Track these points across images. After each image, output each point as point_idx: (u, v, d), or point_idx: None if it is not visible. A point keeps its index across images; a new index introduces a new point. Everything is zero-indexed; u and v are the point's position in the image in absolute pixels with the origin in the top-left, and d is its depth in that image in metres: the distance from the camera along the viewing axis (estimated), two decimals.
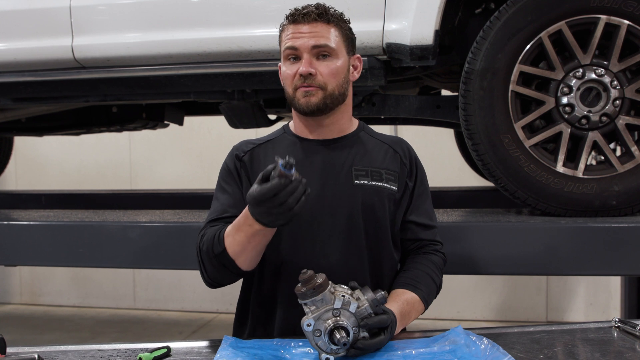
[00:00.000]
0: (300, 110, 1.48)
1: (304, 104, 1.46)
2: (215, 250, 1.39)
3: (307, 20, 1.44)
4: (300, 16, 1.45)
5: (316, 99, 1.45)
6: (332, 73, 1.46)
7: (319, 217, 1.47)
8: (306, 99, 1.45)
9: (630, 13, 2.06)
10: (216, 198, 1.54)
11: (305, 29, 1.44)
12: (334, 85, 1.46)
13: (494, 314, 4.88)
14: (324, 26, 1.45)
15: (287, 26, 1.48)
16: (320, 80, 1.44)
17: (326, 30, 1.45)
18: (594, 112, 2.12)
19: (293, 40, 1.45)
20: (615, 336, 1.44)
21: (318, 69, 1.44)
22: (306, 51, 1.44)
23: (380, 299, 1.24)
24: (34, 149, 5.55)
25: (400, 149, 1.59)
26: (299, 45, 1.44)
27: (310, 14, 1.45)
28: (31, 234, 2.36)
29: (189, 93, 2.71)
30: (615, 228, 1.98)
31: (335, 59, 1.46)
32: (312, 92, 1.44)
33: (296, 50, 1.45)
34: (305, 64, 1.43)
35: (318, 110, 1.46)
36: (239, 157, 1.54)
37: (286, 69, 1.48)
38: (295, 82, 1.46)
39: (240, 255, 1.38)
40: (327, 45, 1.45)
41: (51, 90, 2.70)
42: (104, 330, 4.91)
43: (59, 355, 1.36)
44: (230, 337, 1.39)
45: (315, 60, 1.45)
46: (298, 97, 1.46)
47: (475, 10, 2.40)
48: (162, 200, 3.62)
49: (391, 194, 1.52)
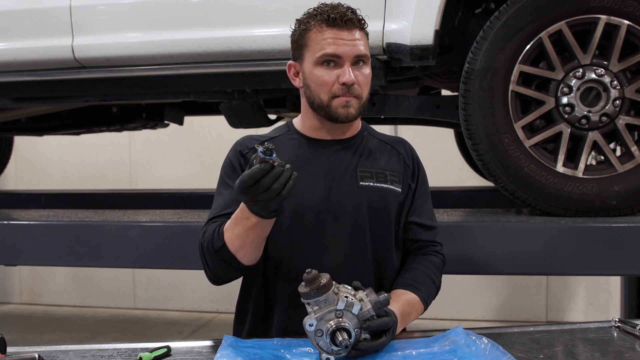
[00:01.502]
0: (335, 120, 1.46)
1: (342, 115, 1.44)
2: (215, 246, 1.38)
3: (348, 26, 1.41)
4: (342, 21, 1.40)
5: (354, 110, 1.44)
6: (367, 81, 1.45)
7: (323, 218, 1.46)
8: (346, 109, 1.43)
9: (630, 13, 2.06)
10: (219, 193, 1.53)
11: (346, 35, 1.41)
12: (367, 93, 1.46)
13: (494, 314, 4.88)
14: (360, 33, 1.43)
15: (323, 28, 1.42)
16: (358, 90, 1.43)
17: (363, 38, 1.44)
18: (594, 112, 2.12)
19: (335, 47, 1.40)
20: (615, 336, 1.44)
21: (357, 78, 1.42)
22: (349, 60, 1.41)
23: (383, 301, 1.24)
24: (34, 149, 5.55)
25: (403, 149, 1.59)
26: (343, 52, 1.40)
27: (353, 20, 1.41)
28: (31, 234, 2.36)
29: (189, 93, 2.71)
30: (615, 228, 1.98)
31: (368, 67, 1.46)
32: (351, 102, 1.43)
33: (338, 57, 1.41)
34: (350, 73, 1.40)
35: (354, 120, 1.47)
36: (242, 153, 1.52)
37: (322, 74, 1.43)
38: (335, 90, 1.42)
39: (239, 250, 1.36)
40: (366, 54, 1.44)
41: (51, 90, 2.70)
42: (103, 330, 4.91)
43: (59, 354, 1.36)
44: (230, 336, 1.39)
45: (353, 67, 1.42)
46: (336, 106, 1.43)
47: (475, 10, 2.40)
48: (162, 200, 3.62)
49: (396, 195, 1.52)
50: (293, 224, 1.45)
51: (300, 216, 1.45)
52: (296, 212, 1.45)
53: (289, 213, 1.43)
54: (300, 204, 1.44)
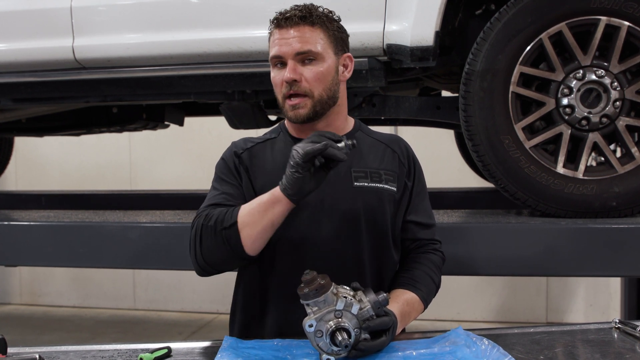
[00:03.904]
0: (290, 120, 1.48)
1: (293, 117, 1.45)
2: (225, 223, 1.36)
3: (290, 24, 1.41)
4: (283, 20, 1.42)
5: (305, 110, 1.43)
6: (317, 78, 1.43)
7: (318, 219, 1.46)
8: (294, 112, 1.43)
9: (630, 14, 2.06)
10: (215, 188, 1.51)
11: (290, 33, 1.41)
12: (320, 90, 1.43)
13: (494, 315, 4.88)
14: (308, 29, 1.42)
15: (273, 31, 1.44)
16: (306, 87, 1.42)
17: (311, 34, 1.42)
18: (594, 113, 2.12)
19: (278, 47, 1.42)
20: (615, 337, 1.45)
21: (303, 75, 1.41)
22: (290, 57, 1.41)
23: (382, 300, 1.24)
24: (34, 150, 5.56)
25: (398, 147, 1.57)
26: (283, 52, 1.41)
27: (293, 17, 1.41)
28: (31, 234, 2.36)
29: (189, 94, 2.71)
30: (615, 229, 1.98)
31: (320, 63, 1.43)
32: (300, 104, 1.42)
33: (281, 57, 1.42)
34: (290, 70, 1.40)
35: (309, 120, 1.45)
36: (237, 154, 1.52)
37: (274, 75, 1.45)
38: (283, 90, 1.43)
39: (247, 228, 1.35)
40: (310, 50, 1.41)
41: (52, 91, 2.70)
42: (104, 330, 4.91)
43: (59, 355, 1.36)
44: (230, 337, 1.39)
45: (300, 65, 1.42)
46: (287, 109, 1.44)
47: (476, 12, 2.40)
48: (162, 200, 3.62)
49: (391, 194, 1.51)
50: (288, 226, 1.44)
51: (295, 218, 1.44)
52: (291, 214, 1.44)
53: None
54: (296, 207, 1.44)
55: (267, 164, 1.51)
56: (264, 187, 1.42)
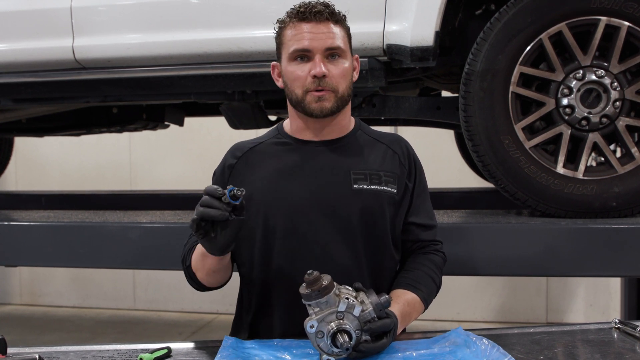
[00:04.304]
0: (310, 114, 1.45)
1: (317, 109, 1.43)
2: (186, 262, 1.48)
3: (319, 20, 1.40)
4: (311, 14, 1.39)
5: (329, 103, 1.42)
6: (342, 74, 1.43)
7: (316, 221, 1.45)
8: (319, 104, 1.42)
9: (630, 14, 2.06)
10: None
11: (317, 28, 1.39)
12: (344, 87, 1.44)
13: (493, 315, 4.88)
14: (334, 26, 1.42)
15: (293, 24, 1.42)
16: (333, 83, 1.41)
17: (336, 30, 1.42)
18: (594, 113, 2.13)
19: (305, 41, 1.39)
20: (616, 337, 1.45)
21: (330, 71, 1.41)
22: (319, 52, 1.40)
23: (384, 302, 1.23)
24: (34, 150, 5.55)
25: (399, 148, 1.56)
26: (313, 46, 1.39)
27: (323, 12, 1.40)
28: (31, 235, 2.36)
29: (190, 94, 2.71)
30: (615, 229, 1.98)
31: (344, 60, 1.44)
32: (325, 96, 1.41)
33: (308, 51, 1.40)
34: (320, 65, 1.39)
35: (331, 113, 1.45)
36: (230, 165, 1.53)
37: (295, 69, 1.42)
38: (308, 84, 1.41)
39: (198, 272, 1.46)
40: (339, 47, 1.42)
41: (52, 91, 2.70)
42: (104, 330, 4.91)
43: (59, 355, 1.36)
44: (230, 337, 1.39)
45: (325, 61, 1.41)
46: (309, 100, 1.42)
47: (476, 12, 2.41)
48: (162, 200, 3.62)
49: (391, 197, 1.49)
50: (286, 229, 1.45)
51: (293, 221, 1.44)
52: (288, 217, 1.44)
53: (282, 219, 1.44)
54: (292, 209, 1.44)
55: (259, 171, 1.51)
56: (254, 194, 1.43)
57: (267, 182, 1.47)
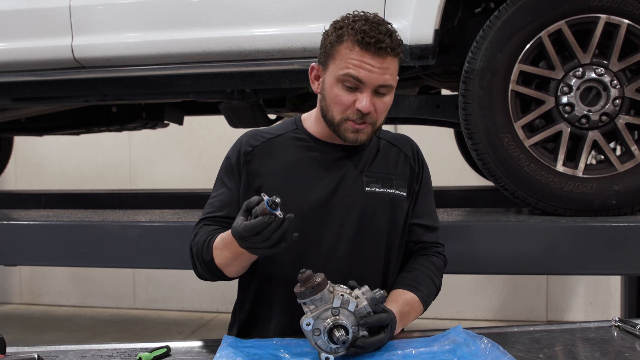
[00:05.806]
0: (343, 140, 1.43)
1: (351, 139, 1.41)
2: (204, 257, 1.41)
3: (382, 54, 1.34)
4: (375, 48, 1.33)
5: (365, 135, 1.42)
6: (385, 109, 1.41)
7: (326, 222, 1.45)
8: (356, 135, 1.40)
9: (630, 12, 2.06)
10: (216, 189, 1.52)
11: (375, 62, 1.34)
12: (382, 119, 1.43)
13: (493, 314, 4.88)
14: (392, 61, 1.37)
15: (354, 47, 1.34)
16: (374, 117, 1.40)
17: (393, 66, 1.37)
18: (593, 111, 2.12)
19: (361, 72, 1.34)
20: (615, 335, 1.45)
21: (375, 106, 1.38)
22: (371, 87, 1.36)
23: (379, 297, 1.24)
24: (33, 149, 5.55)
25: (410, 151, 1.57)
26: (367, 79, 1.35)
27: (386, 48, 1.33)
28: (31, 234, 2.36)
29: (189, 93, 2.70)
30: (615, 227, 1.98)
31: (391, 94, 1.41)
32: (364, 130, 1.40)
33: (360, 82, 1.35)
34: (369, 102, 1.36)
35: (363, 144, 1.46)
36: (245, 152, 1.50)
37: (341, 94, 1.38)
38: (349, 114, 1.38)
39: (226, 267, 1.40)
40: (391, 85, 1.38)
41: (51, 90, 2.70)
42: (104, 330, 4.91)
43: (58, 355, 1.36)
44: (230, 336, 1.39)
45: (373, 95, 1.37)
46: (346, 128, 1.40)
47: (475, 10, 2.40)
48: (162, 200, 3.62)
49: (401, 200, 1.51)
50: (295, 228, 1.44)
51: (304, 221, 1.42)
52: (299, 215, 1.44)
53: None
54: (303, 208, 1.43)
55: (274, 163, 1.49)
56: (264, 187, 1.42)
57: (282, 177, 1.46)
